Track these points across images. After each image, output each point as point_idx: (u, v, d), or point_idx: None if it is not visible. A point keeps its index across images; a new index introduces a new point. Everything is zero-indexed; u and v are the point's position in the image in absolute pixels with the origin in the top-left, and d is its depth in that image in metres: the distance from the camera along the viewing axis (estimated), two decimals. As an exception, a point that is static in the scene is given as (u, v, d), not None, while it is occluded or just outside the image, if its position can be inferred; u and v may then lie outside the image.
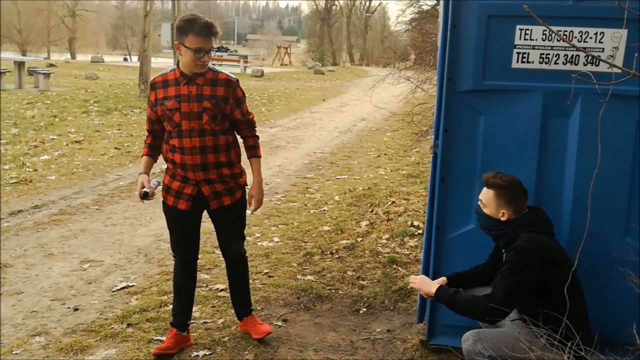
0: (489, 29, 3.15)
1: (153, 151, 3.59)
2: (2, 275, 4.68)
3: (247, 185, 3.65)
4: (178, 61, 3.41)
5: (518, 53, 3.17)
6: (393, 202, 6.84)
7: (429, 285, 3.04)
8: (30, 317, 4.02)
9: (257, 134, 3.65)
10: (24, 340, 3.71)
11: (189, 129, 3.35)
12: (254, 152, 3.63)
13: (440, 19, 3.36)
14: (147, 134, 3.64)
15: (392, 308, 4.31)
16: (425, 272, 3.45)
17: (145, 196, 3.39)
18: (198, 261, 3.83)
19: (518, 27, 3.14)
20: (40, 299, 4.32)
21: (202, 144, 3.36)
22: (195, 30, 3.24)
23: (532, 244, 2.83)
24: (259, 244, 5.57)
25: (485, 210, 3.01)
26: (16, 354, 3.54)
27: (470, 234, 3.30)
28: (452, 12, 3.15)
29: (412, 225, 5.89)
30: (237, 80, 3.51)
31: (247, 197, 3.66)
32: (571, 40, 3.11)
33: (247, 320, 3.81)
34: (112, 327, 3.86)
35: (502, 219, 2.97)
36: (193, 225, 3.59)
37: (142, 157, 3.62)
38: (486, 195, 3.00)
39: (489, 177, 2.99)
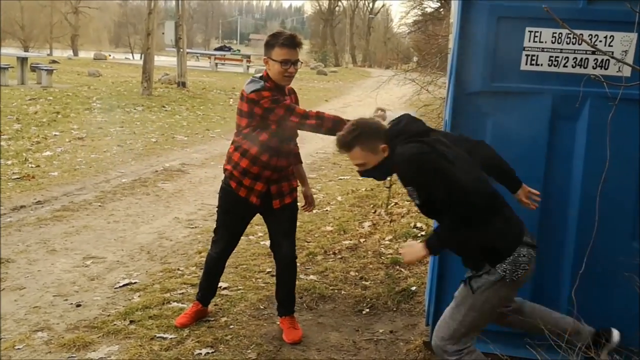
0: (499, 31, 3.13)
1: None
2: (4, 271, 4.67)
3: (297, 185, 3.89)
4: (264, 75, 3.56)
5: (527, 55, 3.15)
6: (396, 203, 6.83)
7: (417, 249, 2.71)
8: (32, 313, 4.01)
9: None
10: (27, 335, 3.69)
11: (290, 136, 3.66)
12: (298, 158, 3.93)
13: (453, 20, 3.35)
14: None
15: (395, 309, 4.29)
16: (432, 274, 3.44)
17: None
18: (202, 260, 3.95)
19: (527, 29, 3.13)
20: (43, 294, 4.31)
21: (288, 149, 3.68)
22: (280, 43, 3.46)
23: (411, 148, 2.57)
24: (262, 243, 5.55)
25: (371, 167, 2.73)
26: (19, 349, 3.53)
27: (477, 236, 3.28)
28: (461, 14, 3.14)
29: (415, 226, 5.87)
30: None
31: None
32: (581, 44, 3.11)
33: (285, 320, 3.89)
34: (115, 324, 3.84)
35: (386, 154, 2.70)
36: (247, 219, 3.86)
37: None
38: (357, 156, 2.73)
39: (340, 141, 2.73)
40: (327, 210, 6.86)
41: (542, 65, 3.15)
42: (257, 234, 5.78)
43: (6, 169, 7.88)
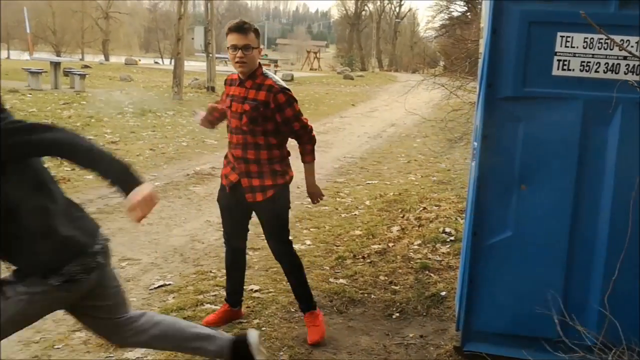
0: (530, 36, 3.14)
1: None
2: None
3: (286, 183, 3.76)
4: None
5: (559, 60, 3.16)
6: (424, 208, 6.84)
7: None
8: (70, 313, 4.11)
9: (305, 141, 3.75)
10: (66, 335, 3.79)
11: (235, 127, 3.67)
12: (302, 157, 3.83)
13: (484, 25, 3.37)
14: None
15: (424, 314, 4.31)
16: (462, 279, 3.46)
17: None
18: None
19: (559, 34, 3.13)
20: (80, 295, 4.41)
21: (243, 140, 3.64)
22: (227, 28, 3.57)
23: None
24: (292, 246, 5.61)
25: None
26: (58, 348, 3.63)
27: (508, 242, 3.30)
28: (492, 18, 3.16)
29: (444, 231, 5.88)
30: (282, 88, 3.60)
31: (285, 197, 3.79)
32: (612, 48, 3.11)
33: (307, 316, 3.91)
34: (150, 325, 3.92)
35: None
36: (235, 213, 3.84)
37: None
38: None
39: None
40: (355, 214, 6.90)
41: (573, 70, 3.16)
42: (287, 238, 5.84)
43: (42, 173, 8.05)
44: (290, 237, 3.87)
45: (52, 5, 53.25)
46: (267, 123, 3.58)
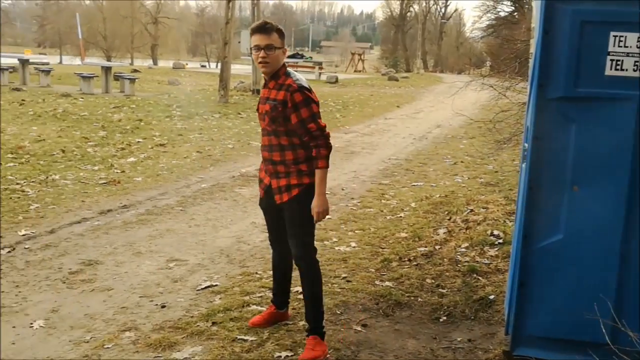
0: (582, 36, 3.08)
1: None
2: (93, 272, 4.90)
3: (312, 183, 3.57)
4: None
5: (612, 60, 3.08)
6: (471, 210, 6.74)
7: None
8: (120, 313, 4.19)
9: (320, 144, 3.49)
10: (115, 335, 3.86)
11: (262, 128, 3.70)
12: (315, 162, 3.53)
13: (534, 25, 3.32)
14: None
15: (472, 317, 4.25)
16: (512, 282, 3.40)
17: None
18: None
19: (612, 33, 3.06)
20: (130, 295, 4.50)
21: (269, 142, 3.65)
22: (250, 30, 3.59)
23: None
24: (337, 248, 5.61)
25: None
26: (107, 347, 3.69)
27: (559, 244, 3.23)
28: (544, 18, 3.10)
29: (492, 234, 5.78)
30: (301, 87, 3.49)
31: (311, 197, 3.60)
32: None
33: (310, 340, 3.64)
34: (198, 325, 3.97)
35: None
36: (274, 216, 3.80)
37: None
38: None
39: None
40: (401, 216, 6.86)
41: (627, 70, 3.07)
42: (331, 239, 5.84)
43: (93, 174, 8.28)
44: (314, 243, 3.73)
45: (103, 11, 54.61)
46: (289, 123, 3.50)
